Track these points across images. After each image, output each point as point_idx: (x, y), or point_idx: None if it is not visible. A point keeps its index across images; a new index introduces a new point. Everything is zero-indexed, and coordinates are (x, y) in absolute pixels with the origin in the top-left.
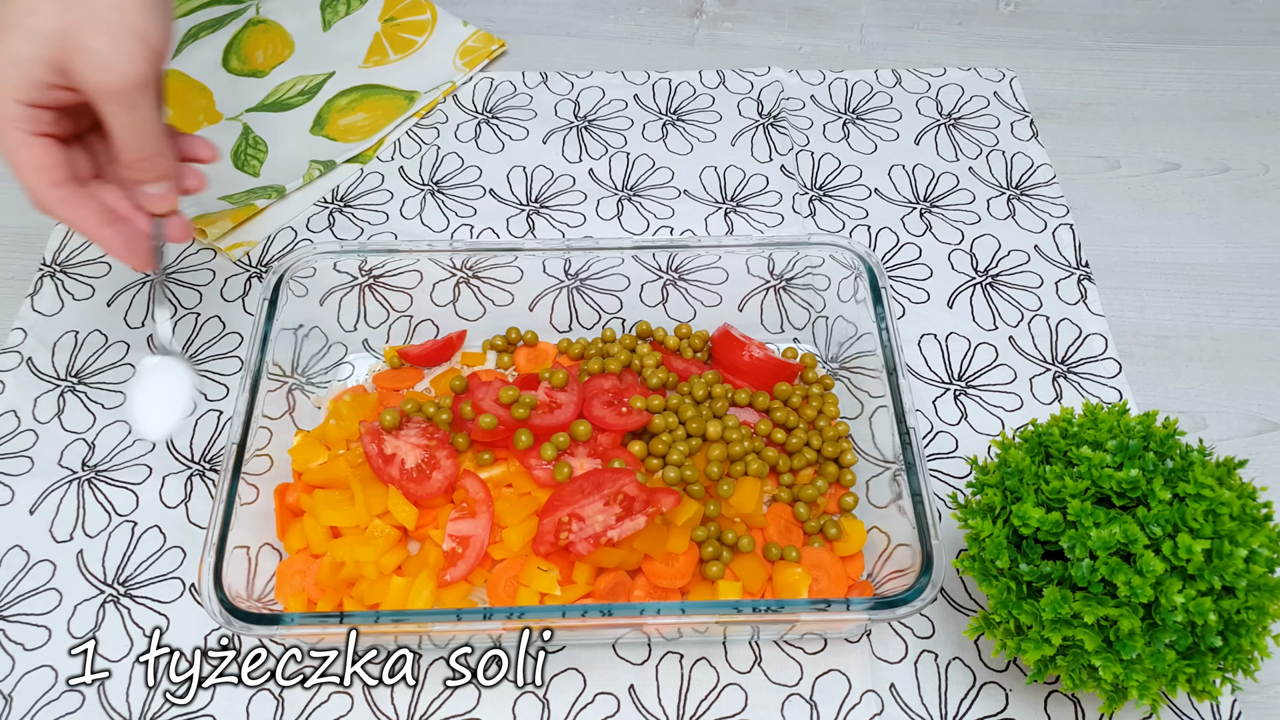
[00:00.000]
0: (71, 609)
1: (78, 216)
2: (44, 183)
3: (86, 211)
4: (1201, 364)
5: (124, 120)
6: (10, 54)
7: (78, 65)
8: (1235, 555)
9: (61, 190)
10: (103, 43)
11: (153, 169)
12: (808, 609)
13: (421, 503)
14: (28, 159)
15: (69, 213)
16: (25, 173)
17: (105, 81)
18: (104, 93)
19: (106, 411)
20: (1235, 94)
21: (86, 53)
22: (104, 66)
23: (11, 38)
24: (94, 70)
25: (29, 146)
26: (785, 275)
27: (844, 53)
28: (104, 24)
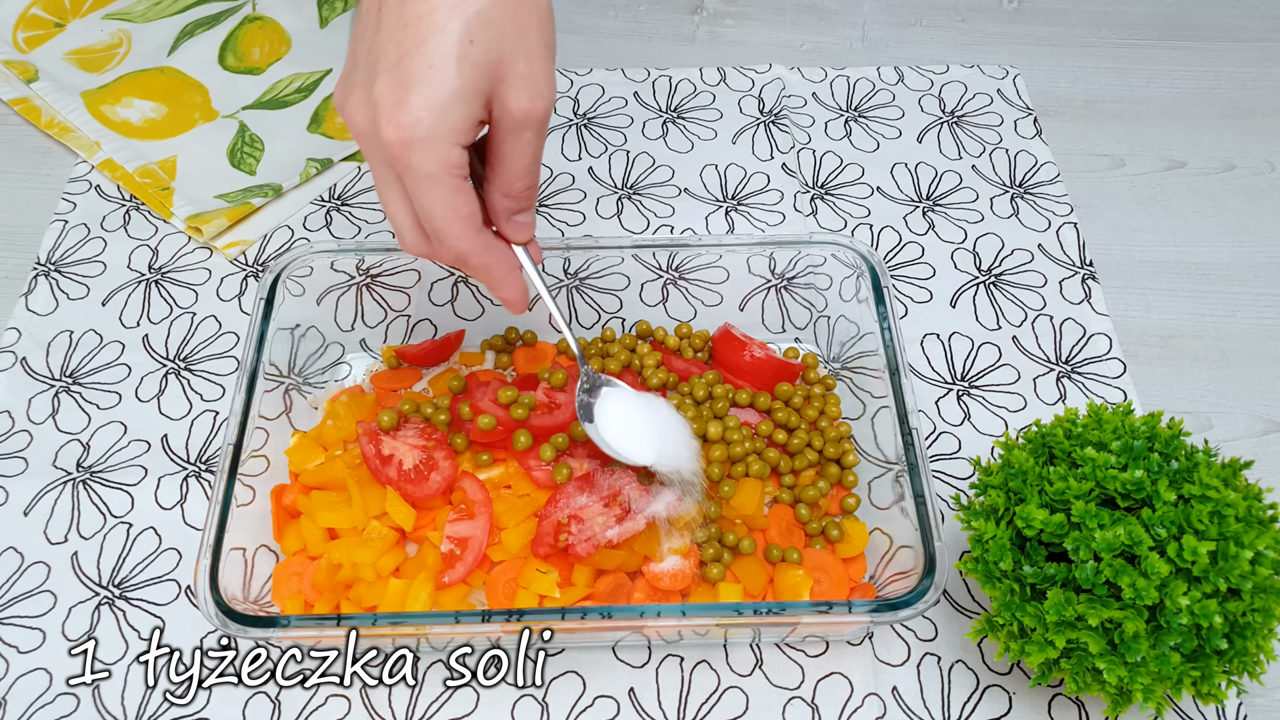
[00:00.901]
0: (66, 611)
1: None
2: (469, 230)
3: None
4: (1207, 364)
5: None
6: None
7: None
8: (1241, 557)
9: (485, 235)
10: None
11: (533, 197)
12: (809, 611)
13: (419, 504)
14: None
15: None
16: (453, 222)
17: (536, 108)
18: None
19: (101, 412)
20: (1241, 91)
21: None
22: (536, 92)
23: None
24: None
25: (465, 194)
26: (787, 274)
27: (846, 50)
28: (534, 46)
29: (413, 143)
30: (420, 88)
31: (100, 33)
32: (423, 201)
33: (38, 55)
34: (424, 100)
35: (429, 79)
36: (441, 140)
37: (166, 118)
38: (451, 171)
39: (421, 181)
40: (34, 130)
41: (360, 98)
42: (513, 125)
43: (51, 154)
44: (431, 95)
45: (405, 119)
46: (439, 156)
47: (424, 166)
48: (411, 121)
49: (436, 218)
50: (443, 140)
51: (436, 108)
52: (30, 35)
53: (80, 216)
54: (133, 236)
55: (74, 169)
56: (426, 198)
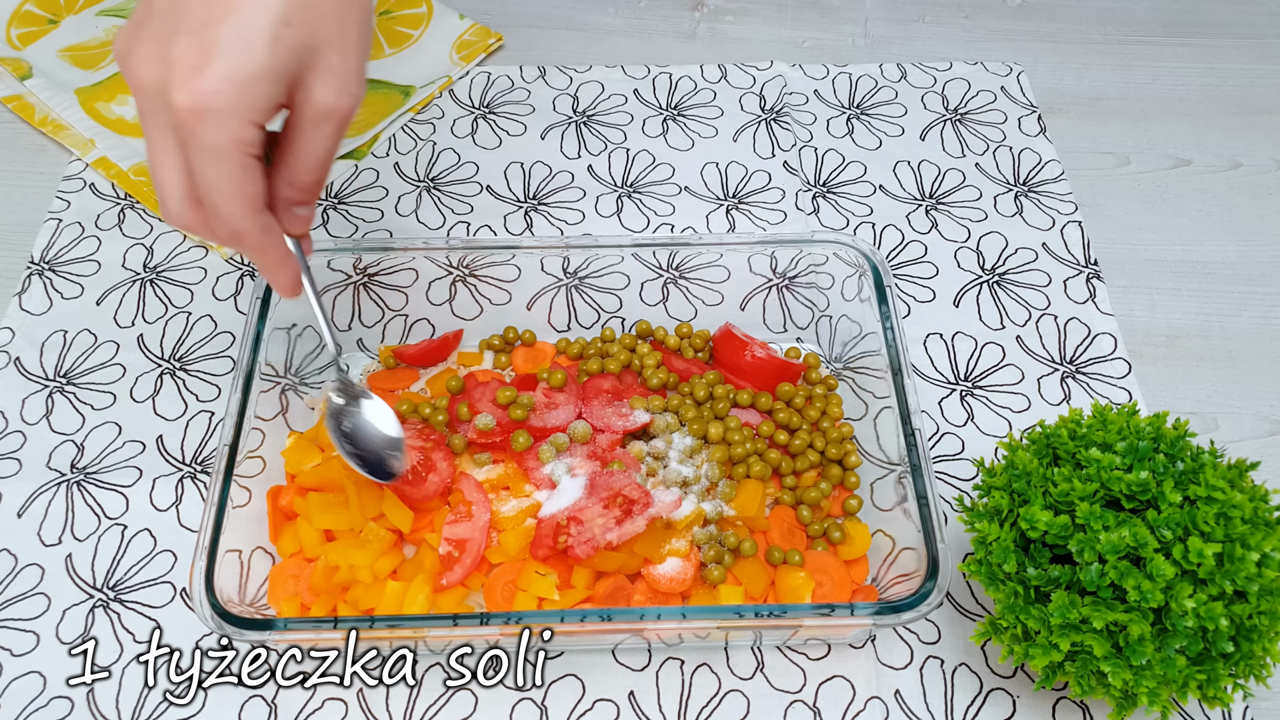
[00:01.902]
0: (60, 614)
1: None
2: (251, 210)
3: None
4: (1213, 364)
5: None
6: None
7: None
8: (1247, 559)
9: (265, 217)
10: (347, 61)
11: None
12: (811, 614)
13: (417, 505)
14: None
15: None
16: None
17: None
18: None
19: (96, 412)
20: (1247, 89)
21: (330, 71)
22: (344, 87)
23: (264, 51)
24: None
25: (252, 172)
26: (788, 273)
27: (848, 46)
28: (350, 40)
29: (206, 113)
30: (224, 58)
31: (94, 29)
32: (206, 174)
33: (31, 52)
34: (226, 71)
35: (236, 51)
36: (238, 116)
37: None
38: (242, 149)
39: (209, 154)
40: (27, 128)
41: (150, 53)
42: (314, 116)
43: (45, 152)
44: (235, 68)
45: (203, 87)
46: (232, 132)
47: (214, 139)
48: (209, 90)
49: (217, 192)
50: (239, 116)
51: (239, 82)
52: (24, 32)
53: (74, 215)
54: (127, 235)
55: (68, 167)
56: (210, 171)
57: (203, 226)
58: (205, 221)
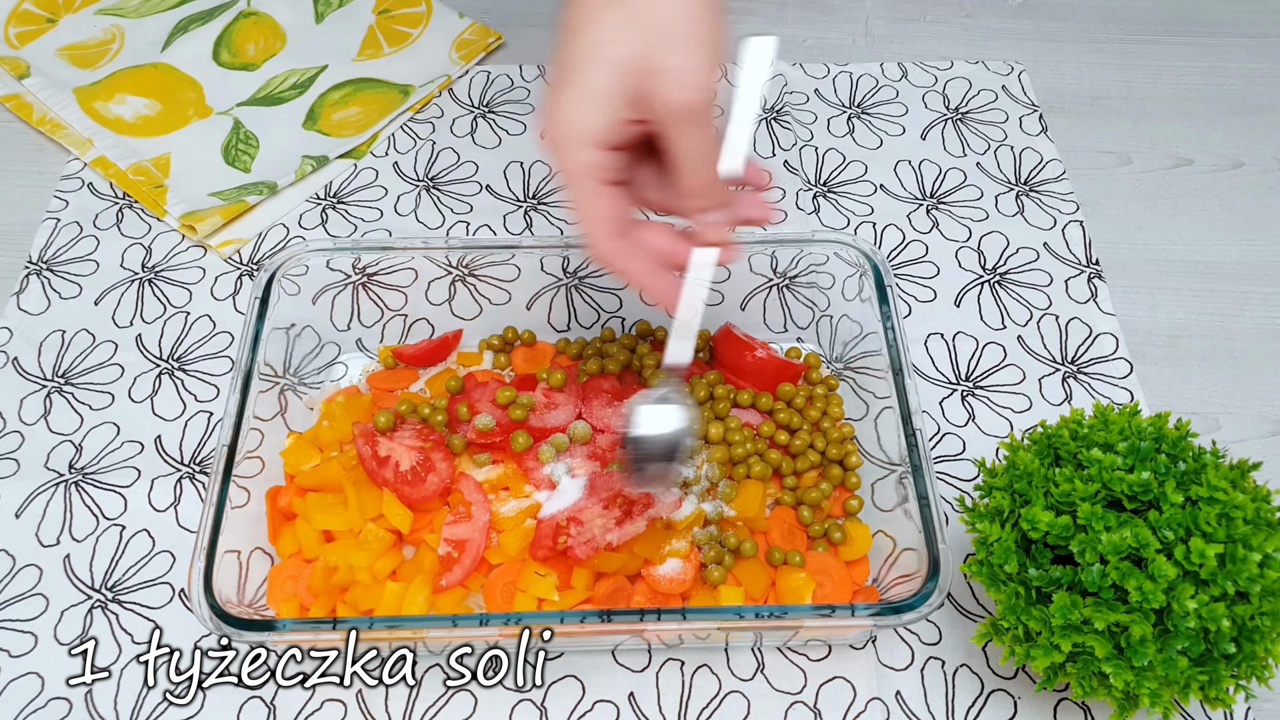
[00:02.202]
0: (58, 615)
1: (634, 268)
2: (607, 235)
3: (642, 262)
4: (1215, 364)
5: (694, 142)
6: (589, 91)
7: (656, 88)
8: (1249, 560)
9: (621, 242)
10: (683, 58)
11: (713, 195)
12: (811, 615)
13: (416, 506)
14: (599, 211)
15: (625, 265)
16: (592, 225)
17: (686, 100)
18: (683, 113)
19: (94, 413)
20: (1249, 88)
21: (667, 72)
22: (686, 84)
23: (586, 73)
24: (675, 89)
25: (601, 198)
26: (789, 273)
27: (849, 45)
28: (682, 38)
29: (555, 145)
30: (562, 90)
31: (93, 28)
32: (570, 199)
33: (29, 51)
34: (561, 102)
35: (569, 81)
36: (575, 141)
37: (160, 114)
38: (587, 171)
39: (566, 180)
40: (25, 127)
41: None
42: (671, 120)
43: (43, 151)
44: (568, 97)
45: (547, 123)
46: (575, 157)
47: (565, 167)
48: (553, 123)
49: (578, 216)
50: (576, 141)
51: (571, 108)
52: (22, 31)
53: (73, 214)
54: (126, 235)
55: (66, 166)
56: (572, 196)
57: None
58: None
